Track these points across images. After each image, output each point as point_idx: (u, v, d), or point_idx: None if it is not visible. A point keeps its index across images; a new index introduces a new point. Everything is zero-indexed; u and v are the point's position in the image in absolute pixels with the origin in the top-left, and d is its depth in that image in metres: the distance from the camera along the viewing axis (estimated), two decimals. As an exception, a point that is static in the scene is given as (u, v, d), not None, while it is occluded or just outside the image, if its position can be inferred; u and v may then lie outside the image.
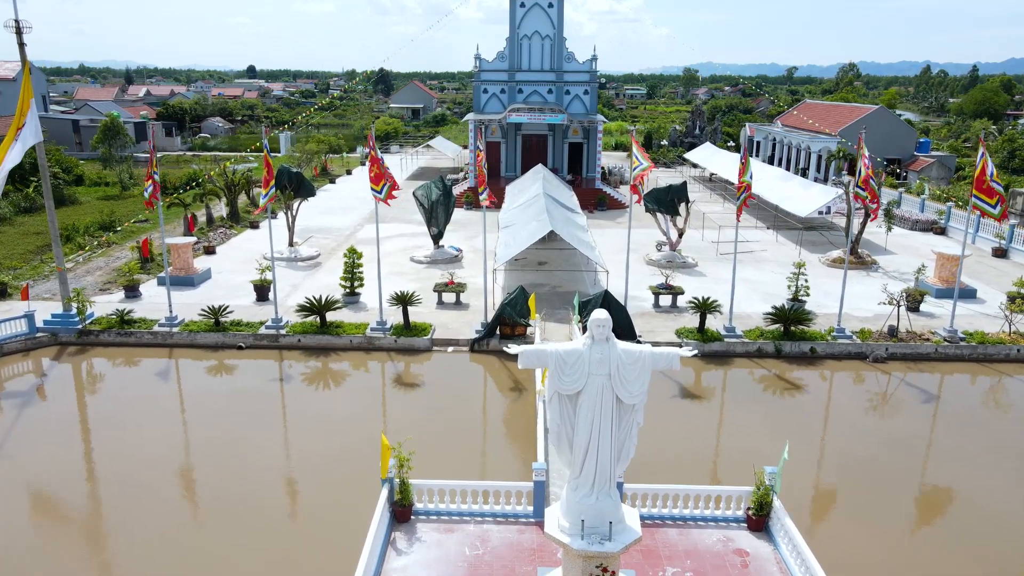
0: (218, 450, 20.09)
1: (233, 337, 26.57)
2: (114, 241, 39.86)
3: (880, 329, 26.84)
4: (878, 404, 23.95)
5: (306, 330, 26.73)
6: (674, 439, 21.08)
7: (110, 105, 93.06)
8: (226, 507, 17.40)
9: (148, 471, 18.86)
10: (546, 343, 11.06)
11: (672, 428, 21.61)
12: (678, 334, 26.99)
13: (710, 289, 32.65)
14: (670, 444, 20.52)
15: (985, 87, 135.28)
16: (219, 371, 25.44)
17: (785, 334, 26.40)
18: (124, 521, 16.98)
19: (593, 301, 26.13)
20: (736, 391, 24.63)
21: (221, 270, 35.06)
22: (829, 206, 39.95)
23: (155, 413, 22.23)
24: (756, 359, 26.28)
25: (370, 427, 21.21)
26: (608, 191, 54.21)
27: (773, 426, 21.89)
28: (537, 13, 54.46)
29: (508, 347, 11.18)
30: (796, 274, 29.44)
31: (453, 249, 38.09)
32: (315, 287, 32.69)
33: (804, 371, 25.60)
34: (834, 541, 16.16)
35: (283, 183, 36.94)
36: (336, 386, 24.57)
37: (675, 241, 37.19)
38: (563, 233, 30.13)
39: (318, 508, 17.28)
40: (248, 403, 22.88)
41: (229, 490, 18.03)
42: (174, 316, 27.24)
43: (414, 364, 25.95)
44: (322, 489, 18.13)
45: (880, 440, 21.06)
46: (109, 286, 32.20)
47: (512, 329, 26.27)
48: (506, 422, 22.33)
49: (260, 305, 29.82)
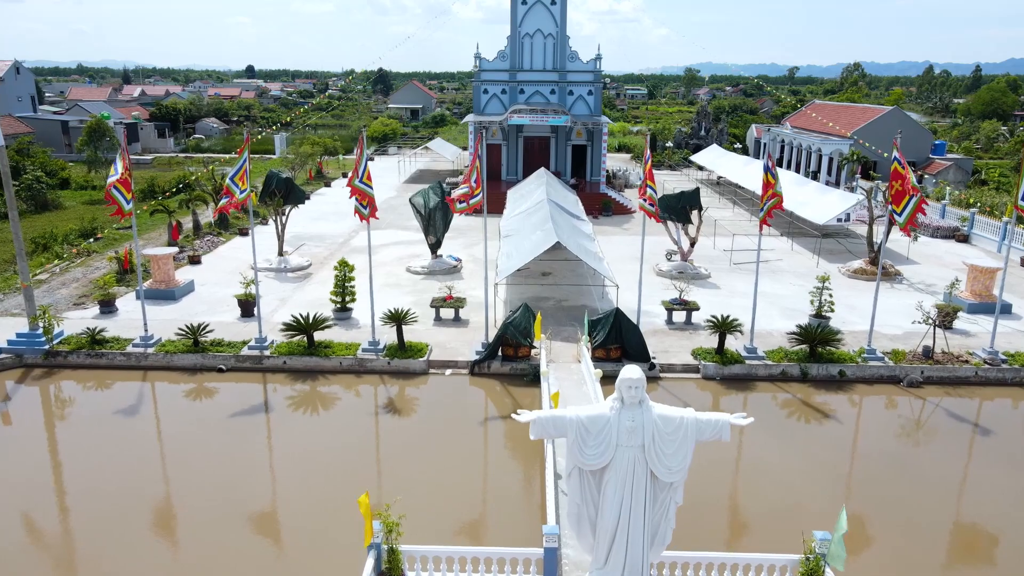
0: (188, 493, 18.02)
1: (213, 359, 24.52)
2: (94, 250, 37.80)
3: (914, 350, 24.80)
4: (918, 435, 21.92)
5: (292, 351, 24.68)
6: (691, 478, 18.99)
7: (101, 106, 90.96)
8: (191, 569, 15.34)
9: (112, 508, 16.84)
10: (567, 409, 9.01)
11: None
12: (695, 355, 24.95)
13: (725, 303, 30.66)
14: (687, 485, 18.45)
15: (992, 87, 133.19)
16: (197, 396, 23.38)
17: (811, 355, 24.36)
18: (88, 558, 14.99)
19: (603, 320, 24.12)
20: (760, 420, 22.43)
21: (205, 282, 33.00)
22: (848, 213, 37.84)
23: (123, 445, 20.17)
24: (780, 383, 24.22)
25: (358, 465, 19.19)
26: (613, 195, 52.16)
27: (804, 462, 19.85)
28: (539, 11, 52.42)
29: (516, 415, 9.15)
30: (820, 288, 27.37)
31: (452, 259, 36.04)
32: (304, 301, 30.67)
33: (833, 396, 23.54)
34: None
35: (272, 189, 34.94)
36: (323, 415, 22.50)
37: (687, 251, 35.14)
38: (569, 244, 28.11)
39: (298, 569, 15.22)
40: (225, 435, 20.83)
41: (195, 546, 15.97)
42: (149, 335, 25.18)
43: (409, 387, 23.89)
44: (303, 543, 16.06)
45: (926, 480, 19.00)
46: (84, 300, 30.13)
47: (515, 350, 24.22)
48: (510, 460, 20.24)
49: (245, 322, 27.76)
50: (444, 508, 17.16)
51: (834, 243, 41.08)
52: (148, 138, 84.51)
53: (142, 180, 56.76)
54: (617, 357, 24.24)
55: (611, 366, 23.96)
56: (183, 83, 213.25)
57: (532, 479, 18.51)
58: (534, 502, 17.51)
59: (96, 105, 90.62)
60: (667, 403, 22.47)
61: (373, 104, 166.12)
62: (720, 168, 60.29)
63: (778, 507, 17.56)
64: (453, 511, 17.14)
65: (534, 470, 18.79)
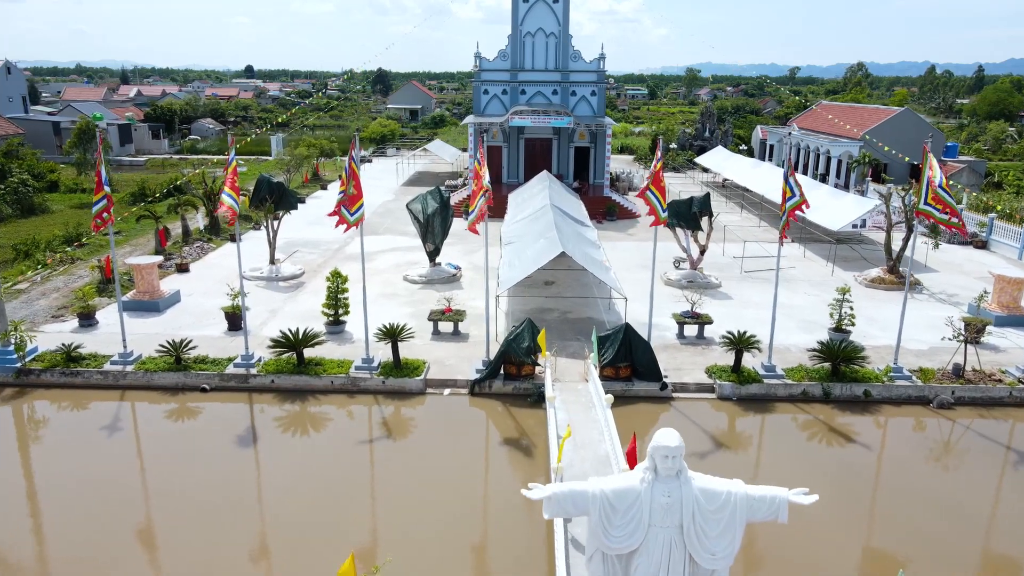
0: (166, 523, 16.52)
1: (196, 377, 22.99)
2: (78, 257, 36.28)
3: (944, 368, 23.29)
4: (950, 461, 20.40)
5: (280, 369, 23.16)
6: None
7: (95, 106, 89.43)
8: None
9: (85, 537, 15.33)
10: (588, 482, 7.48)
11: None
12: (709, 373, 23.43)
13: (738, 314, 29.17)
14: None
15: (998, 87, 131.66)
16: (179, 417, 21.85)
17: (834, 374, 22.84)
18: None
19: (612, 337, 22.62)
20: (782, 445, 21.04)
21: (193, 292, 31.47)
22: (864, 219, 36.33)
23: (98, 471, 18.64)
24: (800, 403, 22.69)
25: (349, 494, 17.66)
26: (617, 199, 50.64)
27: (828, 489, 18.29)
28: (541, 9, 50.90)
29: (527, 490, 7.63)
30: (840, 301, 25.87)
31: (451, 267, 34.53)
32: (296, 312, 29.16)
33: (857, 418, 22.01)
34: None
35: (263, 194, 33.43)
36: (312, 438, 20.96)
37: (696, 259, 33.63)
38: (575, 254, 26.59)
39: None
40: (208, 460, 19.31)
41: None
42: (129, 352, 23.66)
43: (405, 408, 22.38)
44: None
45: (959, 511, 17.48)
46: (63, 312, 28.61)
47: (518, 368, 22.69)
48: (513, 492, 18.67)
49: (232, 336, 26.24)
50: (439, 549, 15.65)
51: (848, 249, 39.55)
52: (142, 139, 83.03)
53: (132, 183, 55.34)
54: (627, 376, 22.74)
55: (621, 385, 22.50)
56: (182, 83, 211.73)
57: (537, 512, 17.00)
58: (539, 538, 16.01)
59: (89, 105, 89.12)
60: (679, 425, 21.06)
61: (372, 104, 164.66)
62: (726, 170, 58.82)
63: (800, 541, 16.06)
64: (449, 554, 15.63)
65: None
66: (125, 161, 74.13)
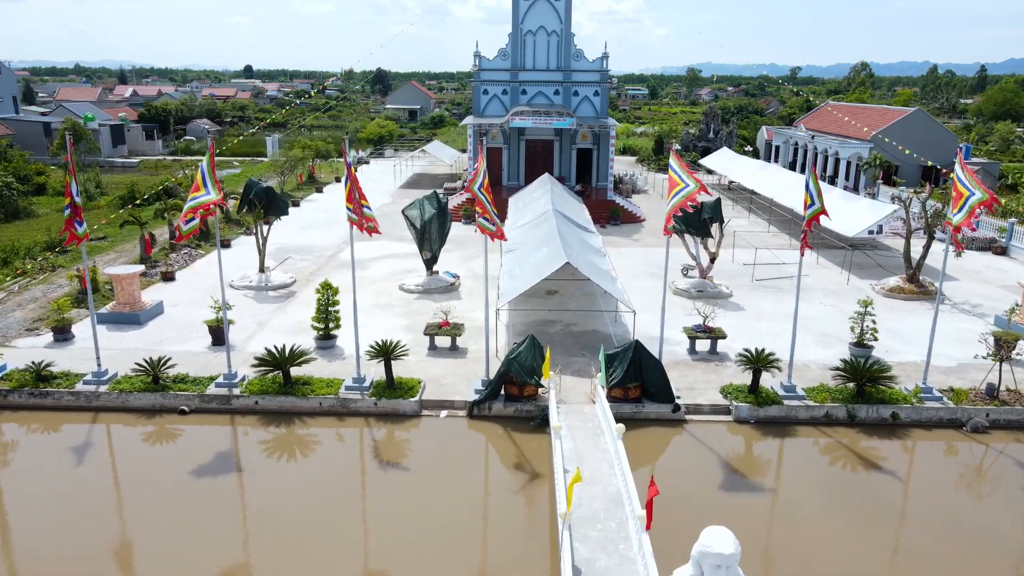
0: (141, 557, 15.00)
1: (174, 398, 21.44)
2: (60, 264, 34.73)
3: (976, 388, 21.74)
4: (984, 489, 18.88)
5: (265, 389, 21.60)
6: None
7: (88, 106, 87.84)
8: None
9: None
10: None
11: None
12: (724, 393, 21.87)
13: (751, 327, 27.68)
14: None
15: (1004, 87, 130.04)
16: (155, 442, 20.31)
17: (858, 395, 21.30)
18: None
19: (621, 355, 21.07)
20: (803, 472, 19.45)
21: (178, 302, 29.93)
22: (881, 225, 34.78)
23: (67, 501, 17.20)
24: (823, 427, 21.13)
25: (338, 527, 16.13)
26: (620, 202, 49.10)
27: (854, 520, 16.79)
28: (542, 6, 49.37)
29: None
30: (862, 314, 24.34)
31: (449, 275, 32.98)
32: (285, 324, 27.64)
33: (885, 443, 20.45)
34: None
35: (251, 199, 31.90)
36: (299, 465, 19.39)
37: (706, 267, 32.08)
38: (580, 264, 25.05)
39: None
40: (186, 489, 17.78)
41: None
42: (103, 371, 22.10)
43: (399, 431, 20.82)
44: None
45: (996, 545, 15.96)
46: (39, 325, 27.06)
47: (520, 389, 21.14)
48: (515, 525, 17.15)
49: (215, 351, 24.67)
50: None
51: (862, 256, 38.02)
52: (135, 140, 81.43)
53: (122, 186, 53.79)
54: (636, 397, 21.20)
55: (630, 407, 20.97)
56: (180, 83, 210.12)
57: (540, 541, 15.46)
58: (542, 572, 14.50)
59: (82, 106, 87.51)
60: (694, 451, 19.42)
61: (371, 104, 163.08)
62: (733, 172, 57.26)
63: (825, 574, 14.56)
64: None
65: (543, 533, 15.76)
66: (117, 163, 72.52)
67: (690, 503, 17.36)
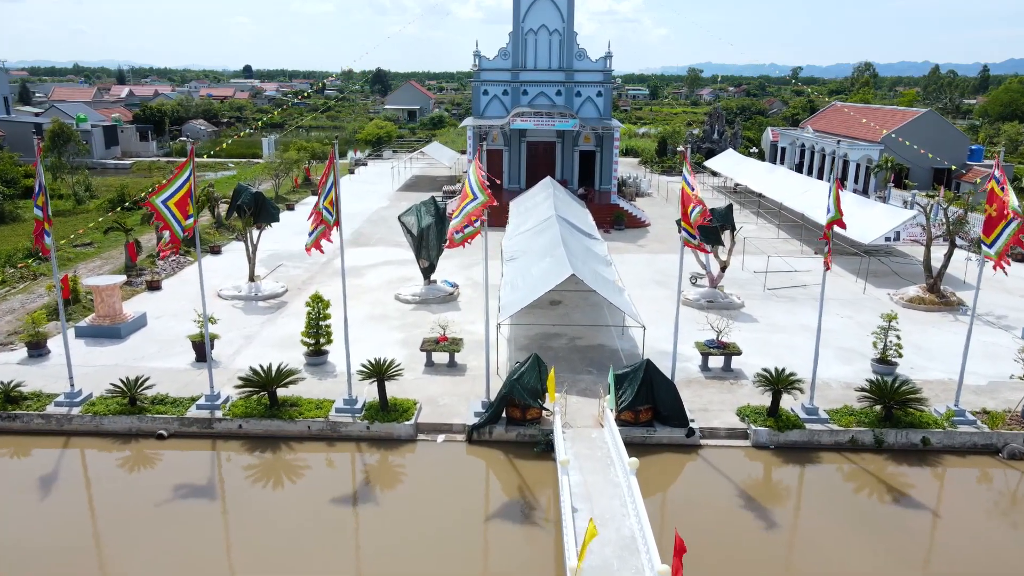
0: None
1: (152, 421, 20.00)
2: (41, 273, 33.29)
3: (1013, 411, 20.31)
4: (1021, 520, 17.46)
5: (250, 412, 20.16)
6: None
7: (80, 107, 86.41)
8: None
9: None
10: None
11: (741, 570, 15.08)
12: (741, 415, 20.44)
13: (765, 341, 26.29)
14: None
15: (1009, 88, 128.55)
16: (131, 468, 18.92)
17: (886, 418, 19.86)
18: None
19: (631, 375, 19.65)
20: (827, 503, 17.98)
21: (162, 313, 28.48)
22: (898, 231, 33.35)
23: (36, 533, 15.81)
24: (848, 453, 19.69)
25: (326, 564, 14.73)
26: (625, 206, 47.66)
27: (890, 561, 15.40)
28: (544, 4, 47.96)
29: None
30: (885, 329, 22.93)
31: (447, 284, 31.55)
32: (275, 338, 26.24)
33: (916, 471, 19.03)
34: None
35: (239, 205, 30.48)
36: (285, 495, 17.95)
37: (716, 276, 30.65)
38: (585, 276, 23.63)
39: None
40: (162, 521, 16.38)
41: None
42: (77, 391, 20.67)
43: (393, 457, 19.40)
44: None
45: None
46: (13, 339, 25.60)
47: (523, 413, 19.71)
48: (517, 566, 15.72)
49: (199, 368, 23.24)
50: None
51: (876, 263, 36.56)
52: (128, 141, 79.99)
53: (112, 189, 52.36)
54: (648, 420, 19.77)
55: (641, 431, 19.57)
56: (178, 83, 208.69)
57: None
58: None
59: (75, 106, 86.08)
60: (710, 478, 17.97)
61: (371, 105, 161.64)
62: (739, 175, 55.83)
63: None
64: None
65: (547, 568, 14.36)
66: (110, 164, 71.14)
67: (707, 537, 15.97)
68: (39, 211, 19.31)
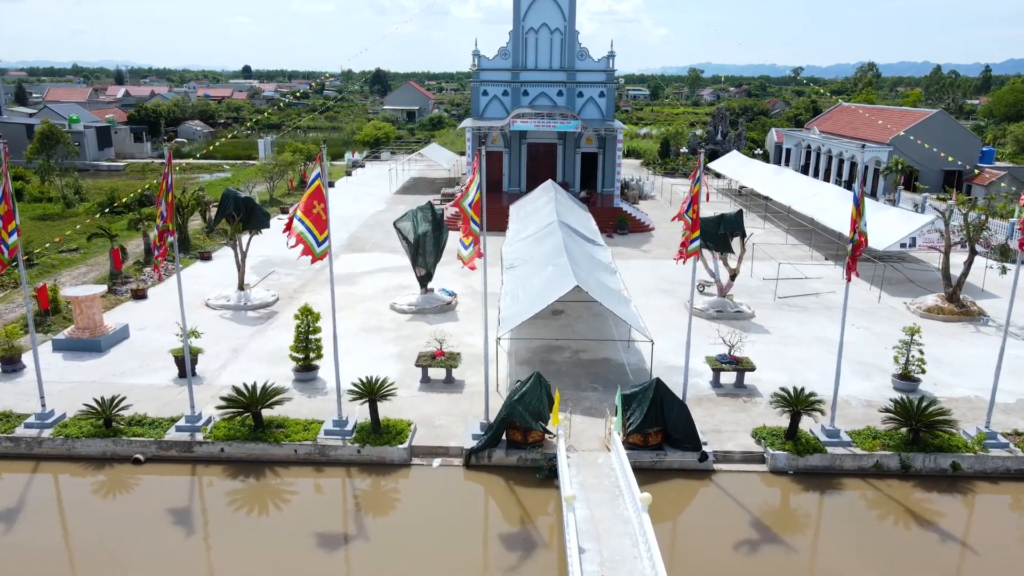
0: None
1: (128, 445, 18.72)
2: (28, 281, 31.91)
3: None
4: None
5: (233, 434, 18.88)
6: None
7: (73, 107, 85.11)
8: None
9: None
10: None
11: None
12: (757, 438, 19.16)
13: (779, 354, 25.02)
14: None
15: (1015, 88, 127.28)
16: (105, 495, 17.68)
17: (913, 441, 18.58)
18: None
19: (640, 395, 18.37)
20: (851, 532, 16.69)
21: (146, 324, 27.18)
22: (915, 237, 32.07)
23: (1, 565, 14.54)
24: (871, 479, 18.40)
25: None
26: (628, 210, 46.38)
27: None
28: (545, 3, 46.72)
29: None
30: (908, 343, 21.66)
31: (445, 293, 30.27)
32: (263, 351, 24.98)
33: (945, 498, 17.78)
34: None
35: (229, 211, 29.21)
36: (269, 523, 16.66)
37: (725, 284, 29.37)
38: (590, 287, 22.35)
39: None
40: (137, 553, 15.13)
41: None
42: (48, 411, 19.39)
43: (385, 483, 18.13)
44: None
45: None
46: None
47: (524, 435, 18.42)
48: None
49: (181, 385, 21.92)
50: None
51: (891, 270, 35.28)
52: (122, 142, 78.69)
53: (104, 192, 51.13)
54: (658, 443, 18.50)
55: (651, 455, 18.30)
56: (177, 83, 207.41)
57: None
58: None
59: (68, 107, 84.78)
60: (723, 506, 16.65)
61: (370, 105, 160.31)
62: (744, 177, 54.54)
63: None
64: None
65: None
66: (103, 166, 69.87)
67: (723, 572, 14.71)
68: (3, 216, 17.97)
